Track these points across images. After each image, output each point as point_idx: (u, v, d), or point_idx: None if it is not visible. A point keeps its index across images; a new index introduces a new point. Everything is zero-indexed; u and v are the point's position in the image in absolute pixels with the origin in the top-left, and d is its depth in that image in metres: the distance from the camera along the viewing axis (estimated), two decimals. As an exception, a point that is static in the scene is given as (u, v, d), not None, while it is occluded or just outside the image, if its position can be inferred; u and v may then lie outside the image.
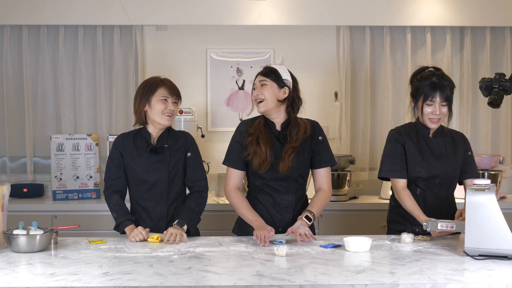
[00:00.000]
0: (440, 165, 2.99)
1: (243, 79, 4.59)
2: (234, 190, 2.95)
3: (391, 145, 3.04)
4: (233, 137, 3.01)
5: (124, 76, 4.49)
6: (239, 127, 3.01)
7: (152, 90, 2.92)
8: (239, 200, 2.93)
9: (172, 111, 2.93)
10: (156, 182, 2.95)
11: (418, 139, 3.02)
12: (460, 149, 3.04)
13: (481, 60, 4.57)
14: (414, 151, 3.00)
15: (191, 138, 3.06)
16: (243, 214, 2.91)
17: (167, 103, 2.92)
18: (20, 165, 4.51)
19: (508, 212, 3.09)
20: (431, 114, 2.93)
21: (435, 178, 3.00)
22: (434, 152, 3.01)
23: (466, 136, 3.14)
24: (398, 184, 3.00)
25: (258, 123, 2.95)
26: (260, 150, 2.88)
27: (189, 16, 4.42)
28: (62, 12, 4.37)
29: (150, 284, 2.10)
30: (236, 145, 2.97)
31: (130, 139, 3.00)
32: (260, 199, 2.98)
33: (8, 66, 4.45)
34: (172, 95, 2.93)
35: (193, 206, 2.95)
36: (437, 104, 2.92)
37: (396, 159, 3.00)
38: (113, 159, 2.99)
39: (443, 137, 3.04)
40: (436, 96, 2.91)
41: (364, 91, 4.55)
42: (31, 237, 2.56)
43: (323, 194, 3.01)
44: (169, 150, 2.96)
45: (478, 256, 2.45)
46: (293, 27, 4.55)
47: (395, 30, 4.55)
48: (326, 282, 2.12)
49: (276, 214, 2.97)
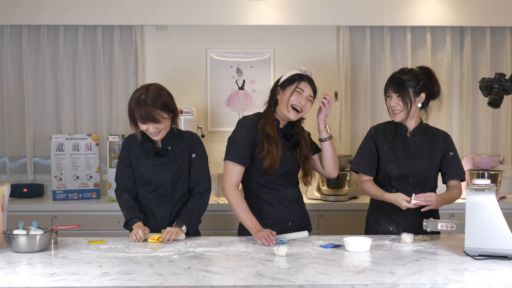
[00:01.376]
0: (412, 164, 3.01)
1: (243, 79, 4.59)
2: (234, 188, 2.93)
3: (364, 141, 3.16)
4: (239, 132, 2.96)
5: (124, 76, 4.49)
6: (246, 123, 2.97)
7: (132, 113, 2.87)
8: (239, 201, 2.91)
9: (155, 130, 2.87)
10: (160, 184, 2.96)
11: (395, 137, 3.07)
12: (438, 149, 3.05)
13: (481, 60, 4.57)
14: (387, 149, 3.05)
15: (197, 139, 3.06)
16: (242, 217, 2.89)
17: (147, 126, 2.87)
18: (20, 165, 4.51)
19: (508, 212, 3.09)
20: (390, 107, 3.03)
21: (407, 177, 3.01)
22: (409, 151, 3.04)
23: (449, 136, 3.14)
24: (362, 177, 3.12)
25: (272, 123, 2.95)
26: (274, 150, 2.90)
27: (189, 16, 4.41)
28: (62, 12, 4.36)
29: (150, 284, 2.10)
30: (244, 141, 2.93)
31: (137, 140, 3.00)
32: (266, 199, 2.99)
33: (8, 66, 4.44)
34: (147, 122, 2.84)
35: (194, 207, 2.95)
36: (393, 96, 3.01)
37: (364, 154, 3.12)
38: (123, 159, 3.02)
39: (422, 136, 3.06)
40: (389, 88, 3.02)
41: (364, 91, 4.55)
42: (31, 237, 2.56)
43: None
44: (173, 152, 2.97)
45: (478, 256, 2.45)
46: (293, 27, 4.55)
47: (395, 30, 4.55)
48: (326, 282, 2.12)
49: (284, 209, 3.00)
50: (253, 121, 2.98)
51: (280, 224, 2.96)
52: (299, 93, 2.92)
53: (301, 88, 2.92)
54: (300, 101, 2.92)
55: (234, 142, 2.96)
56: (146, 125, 2.86)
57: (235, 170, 2.93)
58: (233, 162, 2.93)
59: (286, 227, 2.98)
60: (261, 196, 3.00)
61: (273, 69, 4.59)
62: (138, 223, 2.87)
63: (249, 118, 3.02)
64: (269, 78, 4.58)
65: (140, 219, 2.90)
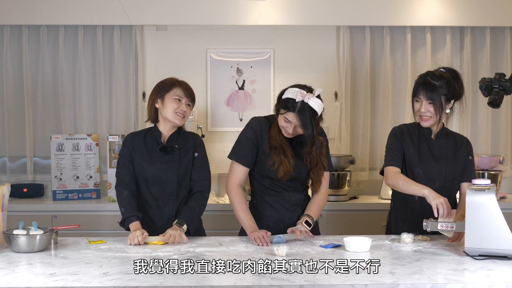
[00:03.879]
0: (438, 167, 2.98)
1: (243, 79, 4.59)
2: (237, 187, 2.94)
3: (392, 139, 3.06)
4: (244, 132, 2.98)
5: (124, 76, 4.49)
6: (253, 124, 2.97)
7: (168, 88, 2.95)
8: (240, 200, 2.92)
9: (184, 111, 2.93)
10: (165, 182, 2.95)
11: (420, 140, 3.02)
12: (461, 153, 3.03)
13: (481, 60, 4.57)
14: (413, 152, 3.00)
15: (200, 139, 3.07)
16: (239, 216, 2.91)
17: (180, 103, 2.93)
18: (20, 165, 4.51)
19: (508, 212, 3.09)
20: (418, 111, 2.95)
21: (434, 181, 2.98)
22: (434, 153, 3.00)
23: (469, 141, 3.11)
24: (393, 168, 2.97)
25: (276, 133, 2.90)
26: (286, 161, 2.88)
27: (189, 16, 4.42)
28: (62, 12, 4.36)
29: (150, 284, 2.10)
30: (247, 141, 2.94)
31: (140, 137, 3.00)
32: (268, 201, 2.99)
33: (8, 66, 4.44)
34: (186, 96, 2.95)
35: (194, 206, 2.94)
36: (423, 101, 2.93)
37: (395, 150, 3.01)
38: (124, 156, 2.99)
39: (446, 139, 3.03)
40: (421, 93, 2.92)
41: (364, 91, 4.55)
42: (31, 237, 2.56)
43: (321, 196, 3.04)
44: (179, 151, 2.97)
45: (478, 256, 2.45)
46: (293, 27, 4.56)
47: (395, 30, 4.55)
48: (326, 282, 2.12)
49: (286, 212, 2.99)
50: (260, 122, 2.97)
51: (280, 227, 2.94)
52: (287, 121, 2.84)
53: (287, 118, 2.81)
54: (287, 128, 2.85)
55: (239, 141, 2.99)
56: (180, 102, 2.93)
57: (237, 169, 2.96)
58: (236, 161, 2.96)
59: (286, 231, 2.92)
60: (264, 198, 3.00)
61: (273, 69, 4.59)
62: (135, 222, 2.83)
63: (257, 119, 3.01)
64: (269, 78, 4.58)
65: (138, 218, 2.86)
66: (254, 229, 2.82)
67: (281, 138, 2.90)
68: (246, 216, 2.89)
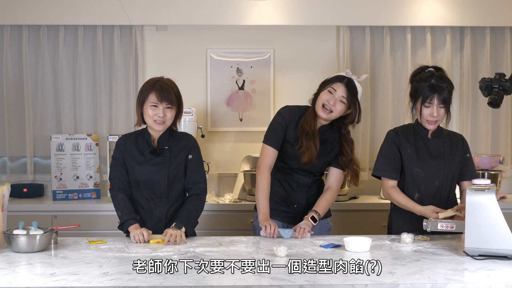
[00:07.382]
0: (437, 165, 2.99)
1: (243, 79, 4.59)
2: (267, 170, 3.07)
3: (386, 145, 3.07)
4: (275, 118, 3.13)
5: (124, 76, 4.49)
6: (283, 113, 3.11)
7: (145, 95, 2.90)
8: (265, 185, 3.04)
9: (161, 117, 2.87)
10: (156, 184, 2.94)
11: (416, 140, 3.03)
12: (458, 151, 3.04)
13: (481, 60, 4.57)
14: (410, 152, 3.00)
15: (193, 140, 3.05)
16: (259, 199, 3.03)
17: (157, 110, 2.87)
18: (20, 165, 4.51)
19: (508, 212, 3.08)
20: (429, 116, 2.93)
21: (433, 180, 2.99)
22: (432, 152, 3.01)
23: (464, 138, 3.13)
24: (388, 183, 3.04)
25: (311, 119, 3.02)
26: (314, 148, 2.99)
27: (189, 16, 4.42)
28: (62, 12, 4.36)
29: (150, 284, 2.10)
30: (279, 127, 3.09)
31: (132, 140, 2.99)
32: (277, 177, 3.14)
33: (8, 66, 4.44)
34: (163, 100, 2.86)
35: (191, 208, 2.93)
36: (435, 106, 2.92)
37: (388, 159, 3.03)
38: (116, 159, 3.00)
39: (442, 138, 3.04)
40: (434, 98, 2.91)
41: (364, 91, 4.53)
42: (31, 237, 2.56)
43: (331, 194, 3.15)
44: (169, 152, 2.96)
45: (478, 256, 2.45)
46: (293, 27, 4.56)
47: (395, 30, 4.55)
48: (326, 282, 2.12)
49: (291, 191, 3.13)
50: (290, 111, 3.11)
51: (286, 204, 3.13)
52: (331, 93, 2.98)
53: (334, 88, 2.99)
54: (329, 100, 2.97)
55: (271, 127, 3.14)
56: (157, 108, 2.86)
57: (270, 152, 3.09)
58: (268, 145, 3.10)
59: (292, 208, 3.13)
60: (275, 175, 3.13)
61: (273, 69, 4.59)
62: (135, 225, 2.84)
63: (288, 108, 3.15)
64: (269, 78, 4.58)
65: (137, 220, 2.87)
66: (267, 218, 2.95)
67: (314, 125, 3.01)
68: (264, 202, 3.01)
